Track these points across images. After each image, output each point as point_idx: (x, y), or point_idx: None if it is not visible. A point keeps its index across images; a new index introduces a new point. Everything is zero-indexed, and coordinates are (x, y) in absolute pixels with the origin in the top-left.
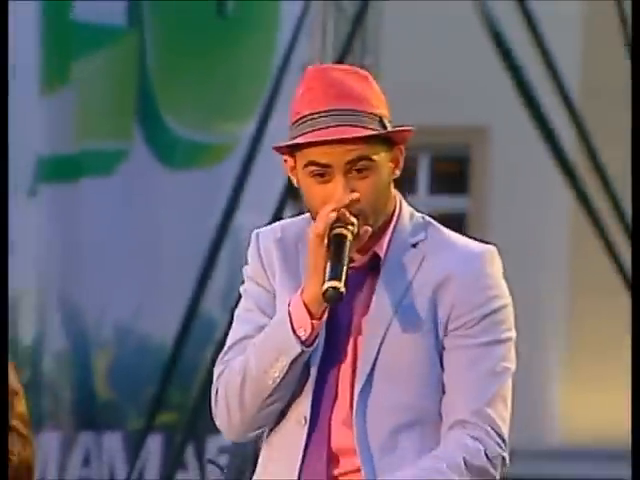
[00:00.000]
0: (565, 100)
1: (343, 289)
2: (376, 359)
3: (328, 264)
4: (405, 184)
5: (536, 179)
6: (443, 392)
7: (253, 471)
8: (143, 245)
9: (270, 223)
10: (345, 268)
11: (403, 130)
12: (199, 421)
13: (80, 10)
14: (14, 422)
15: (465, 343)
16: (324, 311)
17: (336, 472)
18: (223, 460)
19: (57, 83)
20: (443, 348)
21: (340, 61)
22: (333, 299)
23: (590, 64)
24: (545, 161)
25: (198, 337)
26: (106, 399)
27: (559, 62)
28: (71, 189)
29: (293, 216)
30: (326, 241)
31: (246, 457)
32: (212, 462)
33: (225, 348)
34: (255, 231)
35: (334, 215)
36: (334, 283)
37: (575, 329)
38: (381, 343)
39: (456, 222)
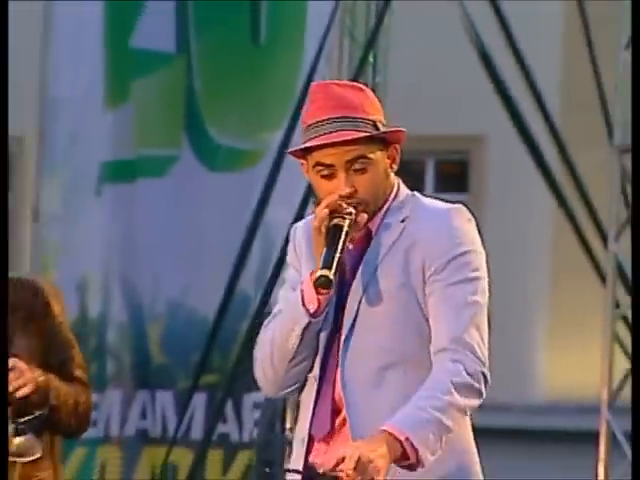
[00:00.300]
0: (544, 114)
1: (332, 276)
2: (357, 312)
3: (323, 253)
4: (414, 183)
5: (525, 180)
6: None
7: (282, 424)
8: (190, 235)
9: (296, 217)
10: (337, 256)
11: (392, 131)
12: (237, 381)
13: (137, 39)
14: (77, 372)
15: (439, 286)
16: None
17: (337, 422)
18: (256, 414)
19: (118, 100)
20: (425, 295)
21: (354, 79)
22: (324, 285)
23: (569, 76)
24: (533, 165)
25: (235, 311)
26: (159, 363)
27: (539, 76)
28: (129, 188)
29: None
30: (324, 231)
31: (276, 411)
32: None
33: (265, 322)
34: (293, 226)
35: (327, 211)
36: (324, 272)
37: (556, 305)
38: (360, 298)
39: None
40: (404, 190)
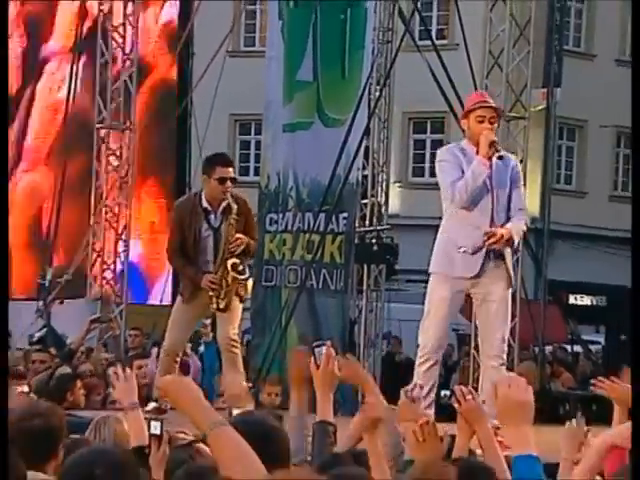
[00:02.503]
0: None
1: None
2: (498, 193)
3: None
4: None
5: None
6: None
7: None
8: (316, 152)
9: (358, 145)
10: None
11: (502, 111)
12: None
13: (299, 75)
14: (255, 235)
15: (516, 185)
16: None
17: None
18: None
19: (288, 102)
20: (512, 189)
21: (380, 95)
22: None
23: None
24: None
25: (335, 181)
26: (306, 202)
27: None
28: (292, 135)
29: None
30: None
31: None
32: None
33: (449, 183)
34: (441, 149)
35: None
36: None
37: None
38: (498, 183)
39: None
40: None
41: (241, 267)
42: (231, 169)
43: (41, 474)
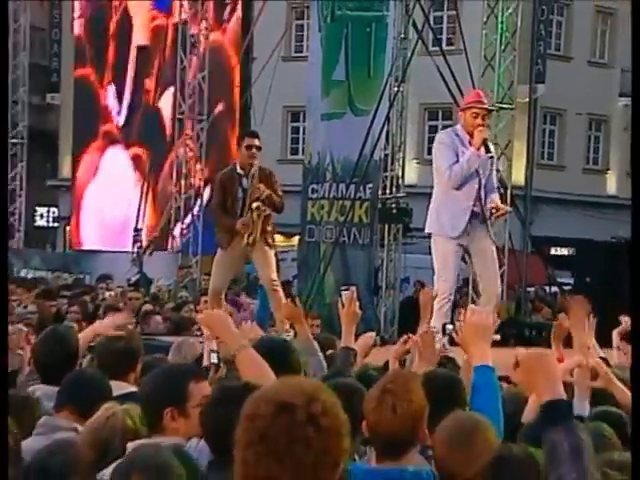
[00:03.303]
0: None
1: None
2: (482, 173)
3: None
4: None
5: None
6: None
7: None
8: (349, 133)
9: (381, 129)
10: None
11: (492, 110)
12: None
13: (334, 75)
14: (279, 191)
15: (492, 168)
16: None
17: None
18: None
19: (325, 96)
20: (490, 172)
21: (396, 92)
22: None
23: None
24: None
25: (363, 157)
26: (338, 176)
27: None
28: (329, 123)
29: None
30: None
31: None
32: None
33: (447, 166)
34: (440, 133)
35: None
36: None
37: None
38: (484, 165)
39: None
40: None
41: (262, 208)
42: (256, 140)
43: (123, 383)
